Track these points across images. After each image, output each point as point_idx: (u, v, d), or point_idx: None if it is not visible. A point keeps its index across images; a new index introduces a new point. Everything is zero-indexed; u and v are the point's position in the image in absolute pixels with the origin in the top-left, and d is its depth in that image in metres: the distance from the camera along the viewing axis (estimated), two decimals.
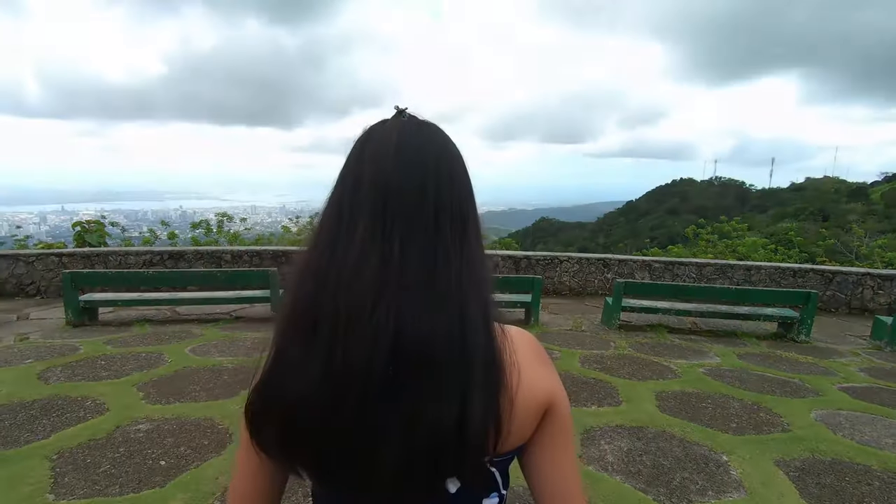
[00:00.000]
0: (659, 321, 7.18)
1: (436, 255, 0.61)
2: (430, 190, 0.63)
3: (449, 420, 0.56)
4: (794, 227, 26.31)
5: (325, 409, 0.58)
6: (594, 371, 4.71)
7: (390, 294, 0.58)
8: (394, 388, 0.57)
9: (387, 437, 0.57)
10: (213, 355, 4.84)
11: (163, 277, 6.41)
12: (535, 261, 9.07)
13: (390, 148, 0.64)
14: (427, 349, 0.57)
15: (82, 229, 10.50)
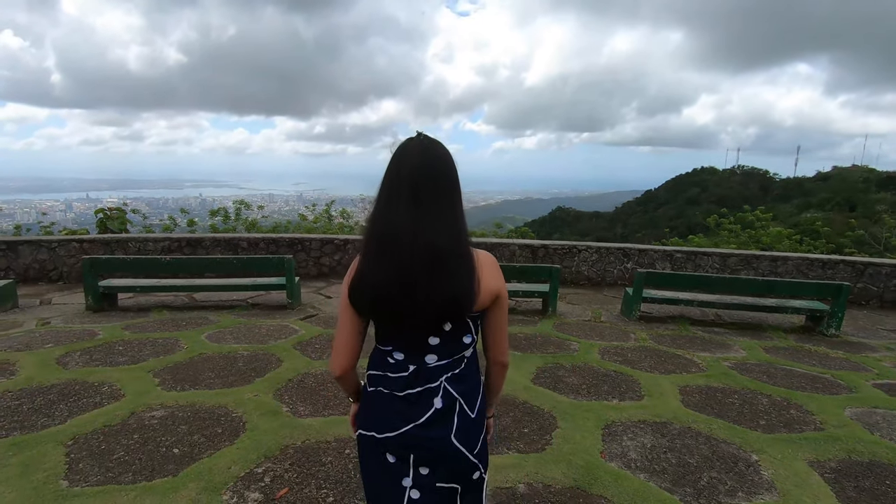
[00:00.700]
0: (680, 313, 7.00)
1: (441, 209, 1.24)
2: (438, 175, 1.26)
3: (448, 291, 1.21)
4: (821, 217, 25.60)
5: (387, 286, 1.21)
6: (615, 364, 4.58)
7: (418, 228, 1.20)
8: (423, 276, 1.19)
9: (417, 300, 1.21)
10: (228, 342, 4.83)
11: (180, 264, 6.43)
12: (552, 250, 8.91)
13: (417, 153, 1.26)
14: (437, 254, 1.20)
15: (105, 216, 10.64)
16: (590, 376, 4.18)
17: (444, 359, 1.32)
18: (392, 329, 1.33)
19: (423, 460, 1.30)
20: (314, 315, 6.15)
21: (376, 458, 1.34)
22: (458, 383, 1.33)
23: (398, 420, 1.30)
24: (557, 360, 4.60)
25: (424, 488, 1.31)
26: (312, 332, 5.30)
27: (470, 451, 1.33)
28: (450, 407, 1.31)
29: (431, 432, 1.29)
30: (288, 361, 4.25)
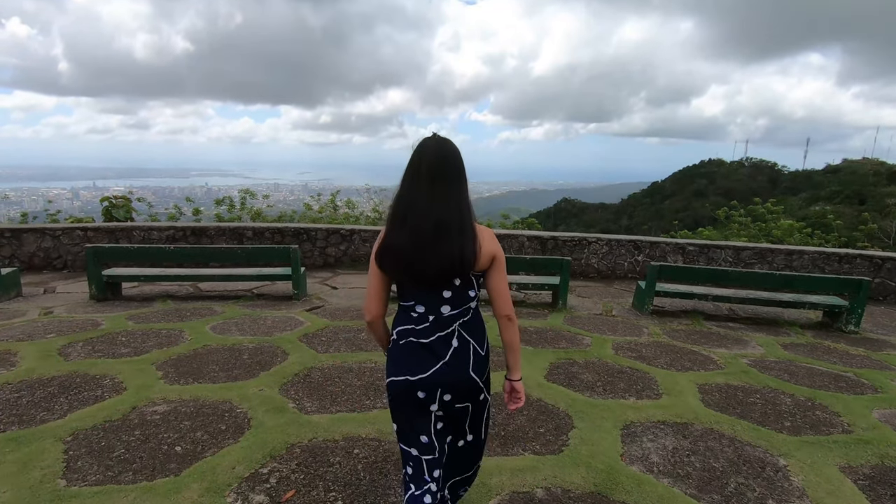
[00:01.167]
0: (693, 307, 6.85)
1: (450, 191, 1.61)
2: (449, 166, 1.63)
3: (457, 252, 1.58)
4: (838, 209, 25.20)
5: (407, 250, 1.59)
6: (629, 359, 4.45)
7: (432, 205, 1.58)
8: (437, 242, 1.57)
9: (430, 261, 1.58)
10: (233, 334, 4.73)
11: (184, 253, 6.32)
12: (561, 242, 8.75)
13: (433, 148, 1.64)
14: (446, 225, 1.58)
15: (110, 204, 10.56)
16: (604, 373, 4.05)
17: (456, 309, 1.69)
18: (412, 287, 1.69)
19: (447, 390, 1.70)
20: (320, 307, 6.04)
21: (410, 397, 1.70)
22: (468, 328, 1.72)
23: (427, 364, 1.67)
24: (570, 355, 4.47)
25: (446, 408, 1.73)
26: (318, 324, 5.19)
27: (480, 379, 1.75)
28: (464, 346, 1.70)
29: (453, 371, 1.68)
30: (294, 355, 4.14)
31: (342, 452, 2.65)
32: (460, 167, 1.67)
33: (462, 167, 1.67)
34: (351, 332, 4.88)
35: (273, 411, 3.06)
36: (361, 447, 2.71)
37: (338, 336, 4.74)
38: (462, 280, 1.67)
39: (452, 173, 1.64)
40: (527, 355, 4.38)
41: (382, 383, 3.61)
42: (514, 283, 6.47)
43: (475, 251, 1.62)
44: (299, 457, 2.60)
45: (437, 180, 1.62)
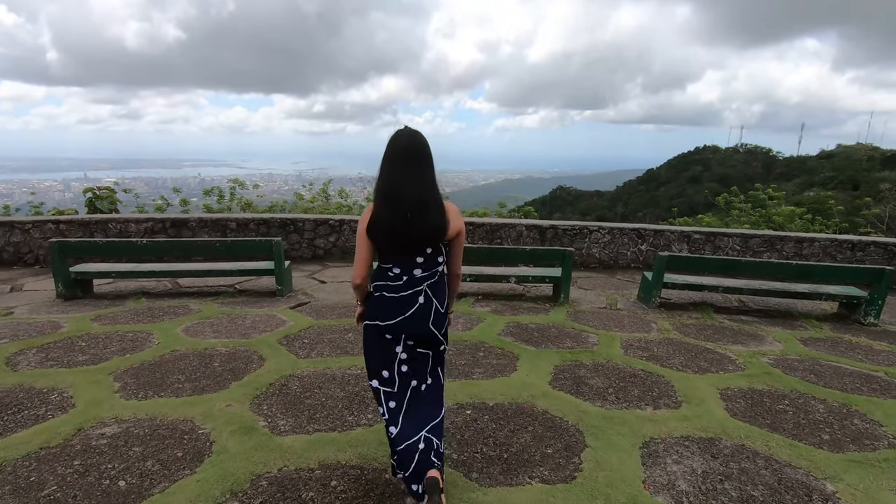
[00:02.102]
0: (702, 299, 6.47)
1: (424, 174, 1.99)
2: (422, 153, 1.99)
3: (431, 224, 1.97)
4: (833, 195, 24.86)
5: (392, 222, 1.94)
6: (641, 360, 4.07)
7: (409, 186, 1.94)
8: (415, 216, 1.93)
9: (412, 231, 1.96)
10: (206, 336, 4.31)
11: (157, 247, 5.87)
12: (561, 231, 8.34)
13: (405, 138, 1.99)
14: (424, 203, 1.95)
15: (94, 196, 10.05)
16: (615, 377, 3.66)
17: (426, 272, 2.03)
18: (392, 252, 2.01)
19: (410, 337, 2.06)
20: (305, 303, 5.62)
21: (379, 338, 2.06)
22: (434, 289, 2.05)
23: (395, 313, 2.01)
24: (576, 356, 4.08)
25: (408, 351, 2.08)
26: (302, 323, 4.78)
27: (439, 332, 2.09)
28: (428, 303, 2.03)
29: (416, 321, 2.03)
30: (271, 360, 3.73)
31: (317, 485, 2.25)
32: (430, 154, 2.02)
33: (431, 155, 2.02)
34: (336, 333, 4.47)
35: (240, 432, 2.66)
36: (340, 478, 2.31)
37: (322, 337, 4.33)
38: (433, 248, 2.04)
39: (425, 159, 1.99)
40: (529, 357, 3.99)
41: (368, 393, 3.22)
42: (512, 275, 6.07)
43: (446, 224, 2.00)
44: (266, 491, 2.20)
45: (413, 165, 1.97)
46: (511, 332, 4.75)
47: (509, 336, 4.60)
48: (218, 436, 2.62)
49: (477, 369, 3.72)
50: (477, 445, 2.63)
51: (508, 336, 4.60)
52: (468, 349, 4.17)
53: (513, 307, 5.74)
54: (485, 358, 3.96)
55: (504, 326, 4.91)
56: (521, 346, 4.27)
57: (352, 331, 4.54)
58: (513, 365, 3.83)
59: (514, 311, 5.58)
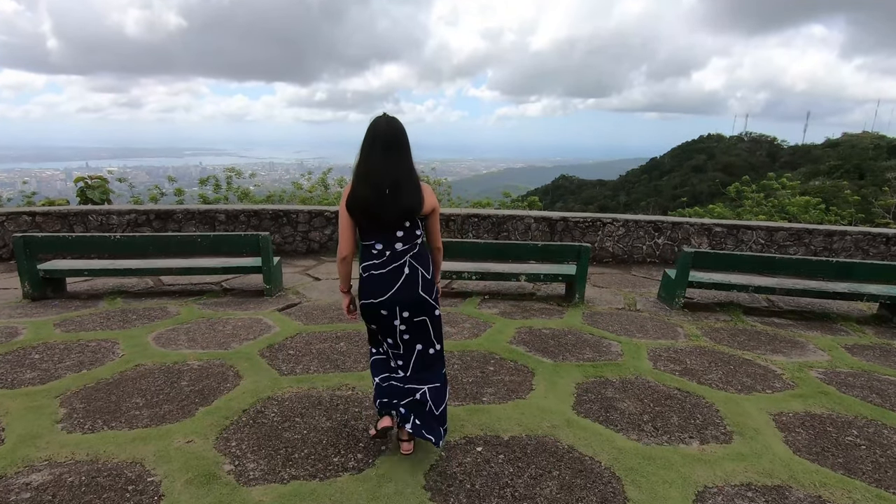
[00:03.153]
0: (728, 299, 5.95)
1: (401, 157, 2.16)
2: (399, 138, 2.16)
3: (407, 202, 2.15)
4: (845, 184, 24.17)
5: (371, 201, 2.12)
6: (674, 376, 3.55)
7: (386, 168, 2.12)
8: (391, 194, 2.12)
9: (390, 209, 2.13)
10: (180, 345, 3.80)
11: (132, 243, 5.34)
12: (573, 223, 7.80)
13: (384, 124, 2.16)
14: (398, 182, 2.13)
15: (85, 185, 9.53)
16: (649, 398, 3.15)
17: (406, 244, 2.23)
18: (372, 229, 2.20)
19: (404, 308, 2.24)
20: (295, 304, 5.11)
21: (376, 315, 2.26)
22: (417, 259, 2.26)
23: (386, 288, 2.21)
24: (600, 371, 3.56)
25: (407, 322, 2.28)
26: (289, 329, 4.27)
27: (429, 297, 2.30)
28: (414, 272, 2.24)
29: (407, 291, 2.23)
30: (249, 378, 3.22)
31: None
32: (406, 139, 2.18)
33: (407, 139, 2.19)
34: (327, 342, 3.96)
35: (198, 481, 2.15)
36: None
37: (310, 347, 3.82)
38: (410, 223, 2.20)
39: (402, 144, 2.17)
40: (547, 372, 3.48)
41: (359, 423, 2.71)
42: (523, 273, 5.54)
43: (421, 202, 2.18)
44: None
45: (391, 149, 2.15)
46: (523, 339, 4.23)
47: (521, 345, 4.08)
48: (170, 487, 2.11)
49: (487, 389, 3.20)
50: (492, 499, 2.12)
51: (520, 345, 4.08)
52: (476, 362, 3.65)
53: (523, 309, 5.22)
54: (495, 374, 3.45)
55: (515, 333, 4.40)
56: (535, 358, 3.76)
57: (344, 338, 4.03)
58: (528, 383, 3.32)
59: (525, 313, 5.06)
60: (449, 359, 3.71)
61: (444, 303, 5.33)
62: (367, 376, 3.28)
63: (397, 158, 2.14)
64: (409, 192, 2.14)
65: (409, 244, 2.21)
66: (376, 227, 2.17)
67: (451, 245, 5.51)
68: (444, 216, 7.73)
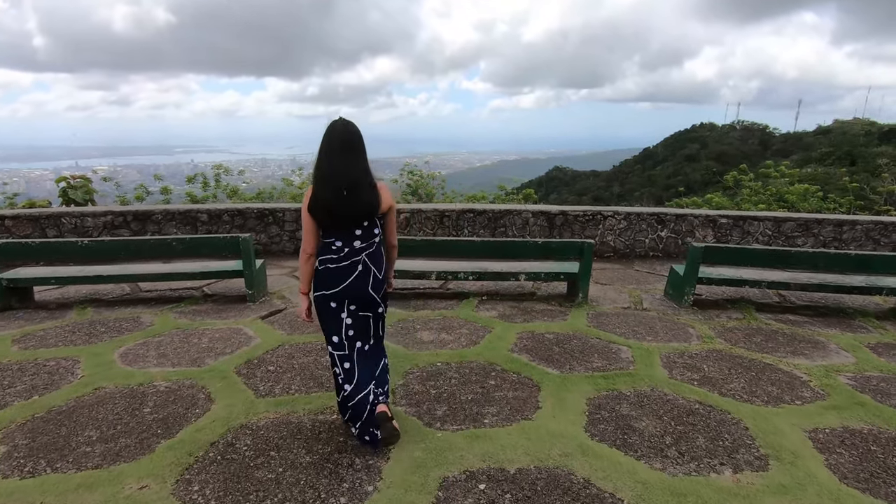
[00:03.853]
0: (738, 294, 5.64)
1: (357, 160, 2.30)
2: (354, 141, 2.29)
3: (365, 201, 2.30)
4: (843, 171, 23.96)
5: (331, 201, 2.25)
6: (693, 386, 3.23)
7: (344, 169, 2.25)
8: (349, 195, 2.25)
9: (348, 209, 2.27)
10: (148, 363, 3.44)
11: (101, 248, 4.95)
12: (572, 217, 7.46)
13: (340, 128, 2.29)
14: (357, 183, 2.27)
15: (67, 185, 9.08)
16: (669, 415, 2.83)
17: (364, 243, 2.37)
18: (333, 227, 2.33)
19: (352, 301, 2.40)
20: (280, 311, 4.76)
21: (327, 306, 2.41)
22: (371, 258, 2.39)
23: (339, 281, 2.35)
24: (612, 383, 3.23)
25: (352, 315, 2.42)
26: (271, 340, 3.92)
27: (377, 295, 2.43)
28: (367, 270, 2.38)
29: (357, 286, 2.37)
30: (221, 401, 2.87)
31: None
32: (361, 141, 2.33)
33: (363, 141, 2.33)
34: (312, 354, 3.62)
35: None
36: None
37: (292, 362, 3.47)
38: (369, 222, 2.37)
39: (358, 146, 2.31)
40: (554, 385, 3.15)
41: (343, 457, 2.37)
42: (522, 272, 5.21)
43: (379, 201, 2.35)
44: None
45: (347, 151, 2.28)
46: (525, 345, 3.90)
47: (524, 353, 3.75)
48: None
49: (488, 408, 2.87)
50: None
51: (523, 353, 3.75)
52: (475, 375, 3.32)
53: (523, 310, 4.89)
54: (497, 389, 3.12)
55: (516, 338, 4.07)
56: (540, 369, 3.43)
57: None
58: (534, 399, 2.99)
59: (526, 315, 4.73)
60: (446, 371, 3.38)
61: (439, 305, 5.00)
62: None
63: (354, 160, 2.28)
64: (367, 191, 2.29)
65: (367, 242, 2.38)
66: (336, 226, 2.32)
67: (445, 244, 5.17)
68: (438, 212, 7.39)
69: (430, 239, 5.12)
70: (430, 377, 3.28)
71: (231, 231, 7.36)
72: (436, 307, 4.96)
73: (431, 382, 3.19)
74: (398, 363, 3.49)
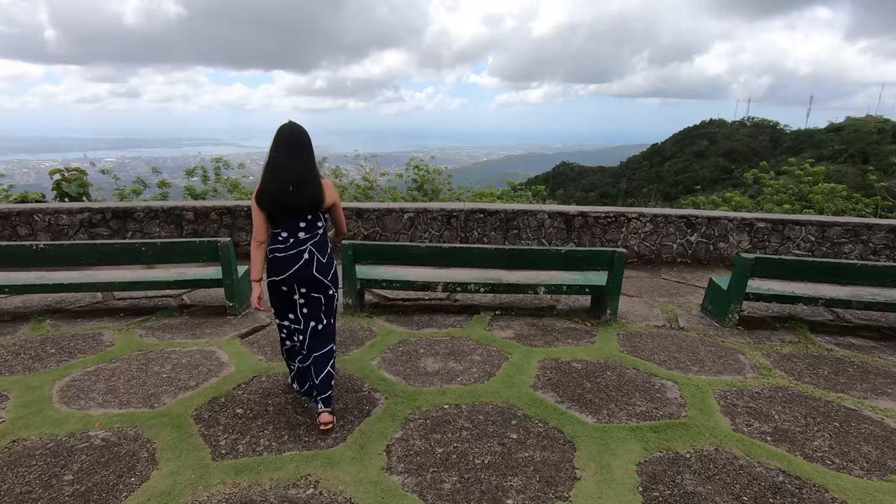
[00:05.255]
0: (785, 311, 4.95)
1: (303, 156, 2.55)
2: (301, 141, 2.55)
3: (308, 196, 2.54)
4: (871, 169, 23.03)
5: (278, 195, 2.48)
6: (765, 444, 2.55)
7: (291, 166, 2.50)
8: (295, 190, 2.49)
9: (293, 202, 2.51)
10: (91, 402, 2.80)
11: (57, 254, 4.29)
12: (592, 219, 6.77)
13: (288, 130, 2.55)
14: (301, 178, 2.51)
15: (61, 178, 8.49)
16: (748, 492, 2.16)
17: (308, 233, 2.60)
18: (279, 219, 2.55)
19: (301, 285, 2.62)
20: (263, 327, 4.12)
21: (278, 290, 2.63)
22: (316, 246, 2.62)
23: (286, 268, 2.57)
24: (664, 438, 2.57)
25: (304, 297, 2.66)
26: (247, 369, 3.28)
27: (324, 278, 2.65)
28: (312, 257, 2.60)
29: (304, 271, 2.59)
30: (166, 464, 2.23)
31: None
32: (308, 142, 2.57)
33: (309, 142, 2.58)
34: (292, 390, 2.97)
35: None
36: None
37: (267, 403, 2.83)
38: (312, 215, 2.60)
39: (304, 146, 2.55)
40: (592, 443, 2.48)
41: None
42: (541, 284, 4.54)
43: (322, 197, 2.57)
44: None
45: (294, 151, 2.52)
46: (550, 380, 3.24)
47: (550, 390, 3.09)
48: None
49: (511, 480, 2.21)
50: None
51: (548, 390, 3.09)
52: (492, 423, 2.66)
53: (543, 329, 4.23)
54: (520, 447, 2.46)
55: (538, 369, 3.41)
56: (572, 416, 2.77)
57: None
58: (569, 465, 2.32)
59: (547, 336, 4.07)
60: (455, 418, 2.72)
61: (446, 322, 4.34)
62: (341, 458, 2.31)
63: (300, 159, 2.52)
64: (311, 188, 2.52)
65: (311, 233, 2.61)
66: (282, 218, 2.56)
67: (454, 251, 4.50)
68: (445, 212, 6.72)
69: (435, 246, 4.46)
70: (436, 427, 2.63)
71: (219, 231, 6.74)
72: (442, 324, 4.31)
73: (437, 436, 2.54)
74: (396, 405, 2.84)
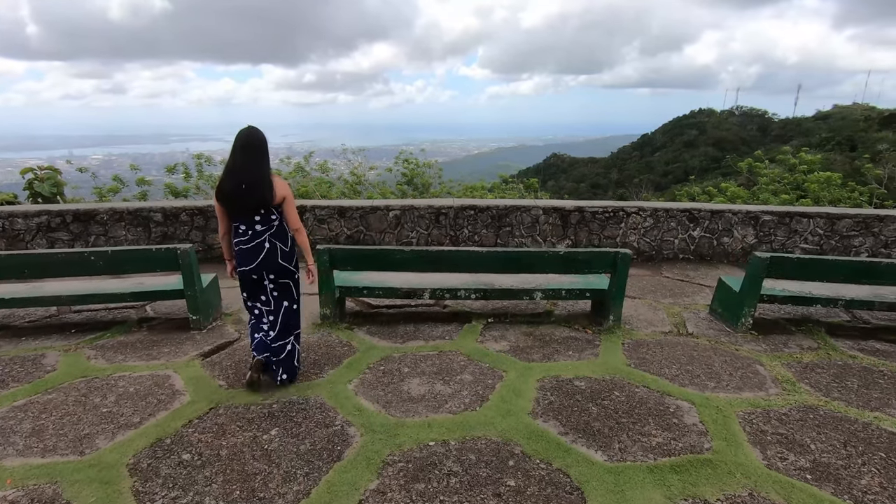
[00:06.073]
0: (799, 312, 4.60)
1: (258, 158, 2.88)
2: (255, 143, 2.88)
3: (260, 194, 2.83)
4: (867, 157, 22.80)
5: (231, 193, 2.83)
6: (807, 485, 2.17)
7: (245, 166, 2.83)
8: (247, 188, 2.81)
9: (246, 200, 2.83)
10: (10, 449, 2.36)
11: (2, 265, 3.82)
12: (590, 214, 6.38)
13: (244, 133, 2.90)
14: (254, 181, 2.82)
15: (34, 177, 7.95)
16: None
17: (264, 226, 2.88)
18: (237, 214, 2.85)
19: (269, 272, 2.95)
20: (229, 344, 3.69)
21: (250, 279, 2.97)
22: (275, 236, 2.91)
23: (251, 259, 2.88)
24: (689, 482, 2.17)
25: (274, 283, 3.00)
26: (202, 398, 2.84)
27: (288, 265, 2.99)
28: (274, 246, 2.90)
29: (269, 260, 2.90)
30: None
31: None
32: (262, 144, 2.88)
33: (264, 145, 2.88)
34: (252, 427, 2.54)
35: None
36: None
37: (221, 444, 2.40)
38: (265, 210, 2.86)
39: (258, 148, 2.85)
40: (603, 491, 2.08)
41: None
42: (538, 289, 4.13)
43: (273, 195, 2.83)
44: None
45: (248, 152, 2.83)
46: (551, 404, 2.84)
47: (551, 418, 2.69)
48: None
49: None
50: None
51: (550, 418, 2.69)
52: (485, 466, 2.25)
53: (541, 340, 3.83)
54: (519, 499, 2.05)
55: (537, 391, 3.01)
56: (579, 453, 2.37)
57: (279, 418, 2.61)
58: None
59: (545, 347, 3.68)
60: (443, 459, 2.31)
61: (434, 333, 3.92)
62: None
63: (253, 160, 2.84)
64: (262, 187, 2.81)
65: (267, 226, 2.90)
66: (238, 213, 2.86)
67: (441, 255, 4.08)
68: (433, 209, 6.30)
69: (421, 249, 4.03)
70: (419, 473, 2.22)
71: (191, 233, 6.26)
72: (430, 335, 3.90)
73: (420, 485, 2.13)
74: (374, 444, 2.43)
